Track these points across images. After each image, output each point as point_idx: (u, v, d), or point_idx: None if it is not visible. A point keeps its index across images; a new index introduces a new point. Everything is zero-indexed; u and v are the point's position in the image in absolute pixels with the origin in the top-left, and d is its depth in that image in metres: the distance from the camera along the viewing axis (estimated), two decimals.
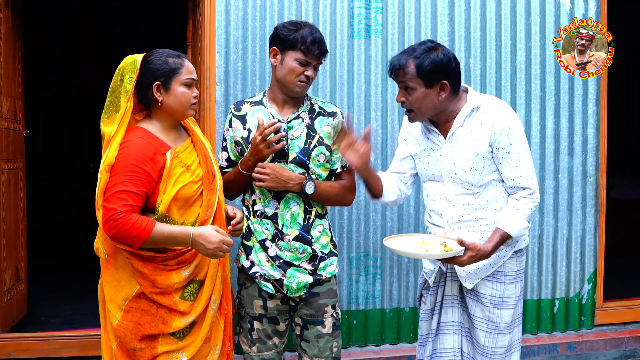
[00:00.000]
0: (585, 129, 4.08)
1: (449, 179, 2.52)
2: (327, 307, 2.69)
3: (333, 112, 2.74)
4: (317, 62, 2.62)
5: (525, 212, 2.45)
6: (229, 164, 2.73)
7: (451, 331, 2.62)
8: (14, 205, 3.91)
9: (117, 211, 2.17)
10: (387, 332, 3.90)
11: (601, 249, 4.19)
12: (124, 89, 2.32)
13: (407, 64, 2.41)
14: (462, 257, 2.35)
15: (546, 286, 4.09)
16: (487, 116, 2.45)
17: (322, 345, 2.68)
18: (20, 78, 4.03)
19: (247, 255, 2.69)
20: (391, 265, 3.88)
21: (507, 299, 2.54)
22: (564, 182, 4.07)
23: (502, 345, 2.54)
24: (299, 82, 2.59)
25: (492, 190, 2.52)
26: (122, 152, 2.25)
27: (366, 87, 3.81)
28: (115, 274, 2.32)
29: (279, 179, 2.54)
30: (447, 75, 2.42)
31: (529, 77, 4.00)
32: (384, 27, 3.82)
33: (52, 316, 4.48)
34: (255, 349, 2.69)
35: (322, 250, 2.69)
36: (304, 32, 2.56)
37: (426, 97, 2.43)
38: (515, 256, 2.56)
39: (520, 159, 2.46)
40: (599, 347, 4.09)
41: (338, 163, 2.71)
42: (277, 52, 2.62)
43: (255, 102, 2.73)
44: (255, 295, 2.67)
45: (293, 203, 2.63)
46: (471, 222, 2.52)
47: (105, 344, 2.39)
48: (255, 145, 2.51)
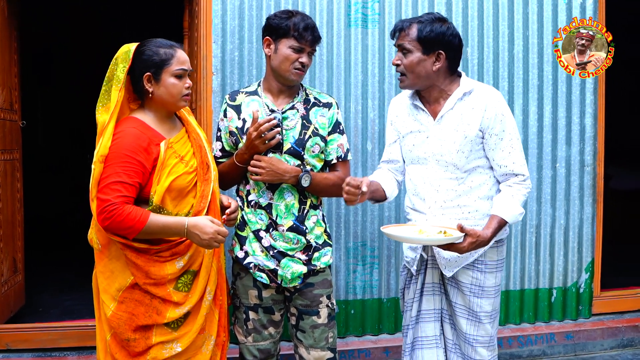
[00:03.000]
0: (583, 118, 4.07)
1: (434, 162, 2.51)
2: (322, 298, 2.70)
3: (328, 102, 2.73)
4: (310, 49, 2.62)
5: (520, 198, 2.47)
6: (223, 154, 2.73)
7: (432, 319, 2.62)
8: (11, 196, 3.91)
9: (111, 202, 2.17)
10: (384, 322, 3.91)
11: (599, 238, 4.18)
12: (116, 78, 2.31)
13: (410, 26, 2.45)
14: (462, 244, 2.35)
15: (544, 275, 4.09)
16: (480, 101, 2.46)
17: (318, 335, 2.68)
18: (16, 69, 4.01)
19: (241, 246, 2.69)
20: (388, 255, 3.87)
21: (487, 288, 2.54)
22: (561, 172, 4.06)
23: (484, 334, 2.54)
24: (294, 70, 2.59)
25: (476, 177, 2.52)
26: (116, 143, 2.24)
27: (363, 77, 3.79)
28: (109, 264, 2.32)
29: (274, 172, 2.54)
30: (446, 48, 2.44)
31: (526, 66, 3.98)
32: (380, 17, 3.80)
33: (52, 307, 4.50)
34: (251, 339, 2.69)
35: (316, 241, 2.69)
36: (295, 20, 2.56)
37: (420, 63, 2.44)
38: (496, 246, 2.56)
39: (513, 145, 2.47)
40: (597, 336, 4.10)
41: (333, 154, 2.71)
42: (270, 42, 2.62)
43: (250, 92, 2.72)
44: (250, 286, 2.67)
45: (287, 194, 2.63)
46: (454, 208, 2.51)
47: (99, 335, 2.40)
48: (250, 140, 2.52)
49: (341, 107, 3.74)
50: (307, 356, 2.70)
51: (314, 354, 2.69)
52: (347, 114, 3.75)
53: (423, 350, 2.61)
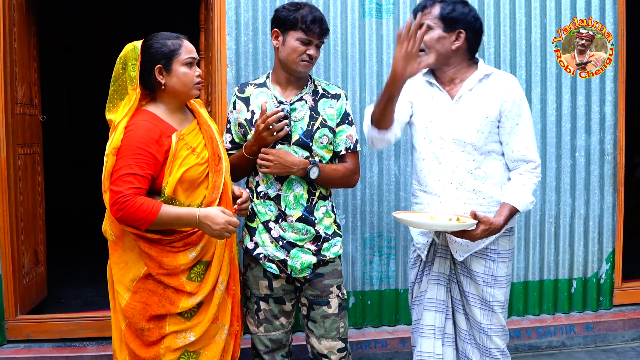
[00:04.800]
0: (603, 106, 4.01)
1: (451, 141, 2.50)
2: (332, 288, 2.70)
3: (337, 94, 2.74)
4: (318, 41, 2.62)
5: (531, 186, 2.47)
6: (233, 146, 2.75)
7: (433, 309, 2.59)
8: (32, 189, 3.97)
9: (123, 194, 2.19)
10: (401, 313, 3.90)
11: (619, 228, 4.12)
12: (129, 77, 2.34)
13: (433, 5, 2.49)
14: (475, 231, 2.35)
15: (563, 266, 4.05)
16: (499, 85, 2.48)
17: (329, 325, 2.69)
18: (35, 64, 4.06)
19: (251, 237, 2.70)
20: (405, 246, 3.86)
21: (500, 278, 2.53)
22: (581, 161, 4.01)
23: (498, 323, 2.54)
24: (302, 62, 2.60)
25: (491, 163, 2.51)
26: (128, 135, 2.27)
27: (378, 67, 3.77)
28: (123, 255, 2.35)
29: (282, 164, 2.55)
30: (466, 28, 2.48)
31: (544, 54, 3.93)
32: (395, 7, 3.78)
33: (73, 298, 4.58)
34: (262, 329, 2.71)
35: (325, 231, 2.69)
36: (303, 12, 2.57)
37: (440, 40, 2.48)
38: (508, 234, 2.55)
39: (527, 131, 2.48)
40: (617, 327, 4.04)
41: (342, 145, 2.71)
42: (278, 34, 2.63)
43: (258, 84, 2.74)
44: (261, 276, 2.69)
45: (296, 184, 2.63)
46: (468, 193, 2.50)
47: (114, 325, 2.43)
48: (258, 132, 2.53)
49: (356, 98, 3.73)
50: (319, 346, 2.71)
51: (325, 343, 2.70)
52: (362, 104, 3.73)
53: (422, 339, 2.60)
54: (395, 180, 3.83)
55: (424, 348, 2.59)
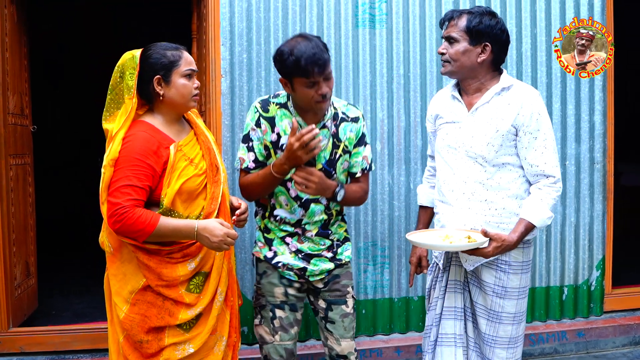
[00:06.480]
0: (592, 115, 4.06)
1: (464, 152, 2.51)
2: (349, 288, 2.77)
3: (356, 117, 2.71)
4: (324, 77, 2.47)
5: (549, 202, 2.43)
6: (257, 165, 2.64)
7: (452, 317, 2.60)
8: (23, 200, 3.94)
9: (121, 205, 2.18)
10: (395, 322, 3.91)
11: (609, 235, 4.17)
12: (126, 86, 2.32)
13: (460, 16, 2.49)
14: (487, 249, 2.35)
15: (554, 273, 4.09)
16: (517, 98, 2.46)
17: (347, 324, 2.74)
18: (26, 74, 4.04)
19: (269, 247, 2.71)
20: (399, 255, 3.88)
21: (510, 290, 2.51)
22: (571, 169, 4.05)
23: (504, 335, 2.52)
24: (317, 103, 2.51)
25: (505, 174, 2.49)
26: (126, 147, 2.26)
27: (371, 77, 3.80)
28: (121, 267, 2.33)
29: (322, 187, 2.53)
30: (492, 41, 2.47)
31: (534, 64, 3.97)
32: (388, 17, 3.81)
33: (63, 310, 4.52)
34: (278, 338, 2.69)
35: (338, 239, 2.77)
36: (296, 56, 2.41)
37: (466, 53, 2.47)
38: (522, 247, 2.51)
39: (546, 145, 2.44)
40: (608, 333, 4.09)
41: (358, 167, 2.72)
42: (285, 82, 2.53)
43: (280, 104, 2.63)
44: (277, 283, 2.70)
45: (317, 211, 2.67)
46: (480, 203, 2.49)
47: (112, 337, 2.41)
48: (292, 150, 2.43)
49: None
50: (339, 347, 2.73)
51: (344, 344, 2.73)
52: None
53: (442, 348, 2.60)
54: (389, 189, 3.84)
55: (445, 357, 2.59)
